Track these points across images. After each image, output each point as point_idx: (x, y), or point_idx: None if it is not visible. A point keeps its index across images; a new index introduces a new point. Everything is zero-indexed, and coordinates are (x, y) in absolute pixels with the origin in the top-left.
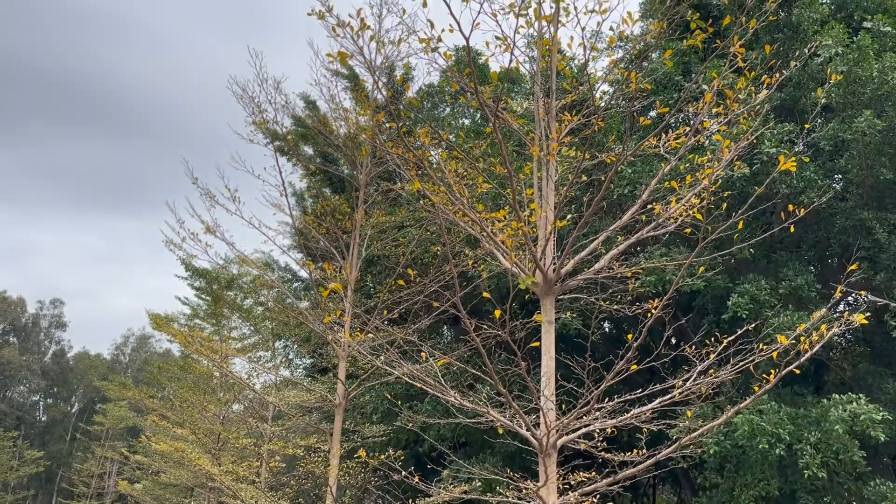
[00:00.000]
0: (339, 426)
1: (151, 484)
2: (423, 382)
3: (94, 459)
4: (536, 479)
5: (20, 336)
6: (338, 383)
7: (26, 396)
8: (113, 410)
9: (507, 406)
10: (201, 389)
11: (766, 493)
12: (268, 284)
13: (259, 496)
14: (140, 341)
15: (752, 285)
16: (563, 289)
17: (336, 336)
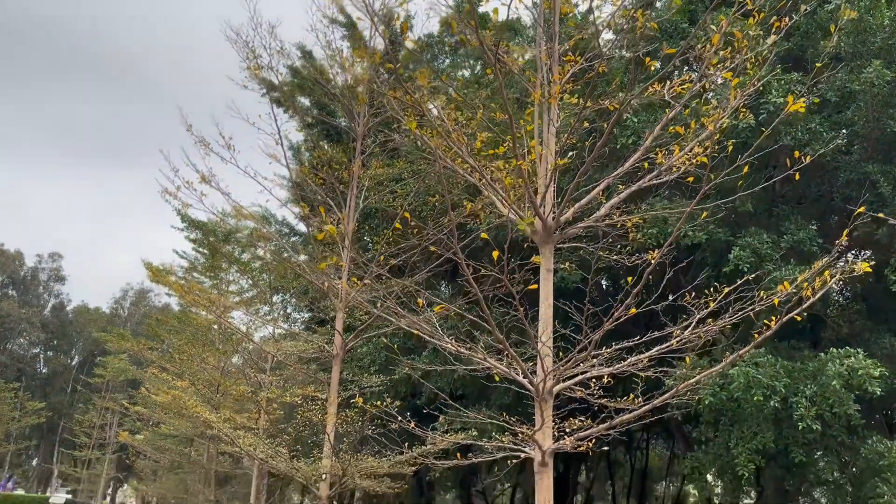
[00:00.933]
0: (337, 376)
1: (152, 434)
2: (420, 330)
3: (95, 411)
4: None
5: (19, 289)
6: (335, 334)
7: (26, 349)
8: (113, 363)
9: (505, 354)
10: (200, 342)
11: (762, 447)
12: (265, 237)
13: (257, 443)
14: (139, 295)
15: (753, 238)
16: (562, 237)
17: (333, 283)
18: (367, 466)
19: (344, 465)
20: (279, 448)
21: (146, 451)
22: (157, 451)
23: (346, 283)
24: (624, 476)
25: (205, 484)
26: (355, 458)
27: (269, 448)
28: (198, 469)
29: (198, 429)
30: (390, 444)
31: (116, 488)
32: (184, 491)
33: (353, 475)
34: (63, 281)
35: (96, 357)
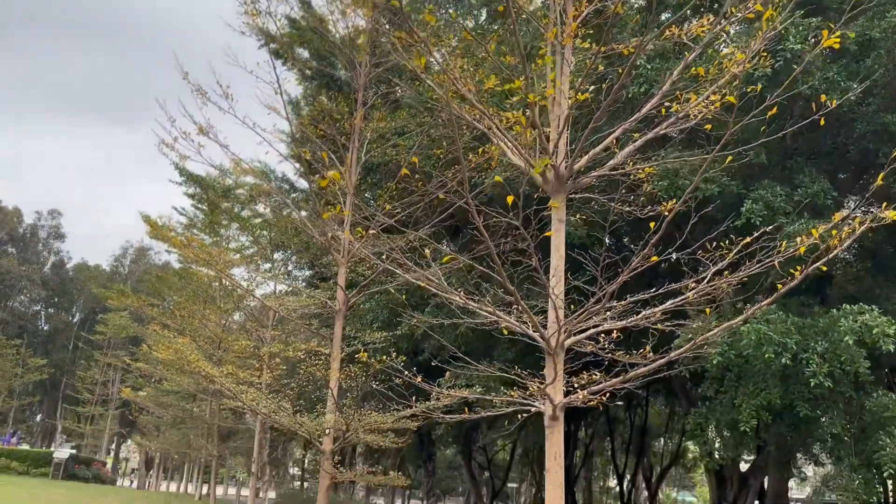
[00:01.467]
0: (340, 332)
1: (154, 391)
2: (427, 283)
3: (98, 367)
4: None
5: (18, 246)
6: (338, 290)
7: (27, 306)
8: (114, 320)
9: (515, 306)
10: (201, 298)
11: (768, 403)
12: (265, 191)
13: (260, 398)
14: (139, 253)
15: (766, 192)
16: (575, 186)
17: (336, 234)
18: (371, 421)
19: (347, 419)
20: (282, 403)
21: (149, 407)
22: (159, 406)
23: (350, 233)
24: (623, 432)
25: (207, 439)
26: (359, 413)
27: (273, 403)
28: (200, 424)
29: (200, 385)
30: (394, 399)
31: (120, 443)
32: (186, 446)
33: (357, 430)
34: (63, 238)
35: (97, 314)
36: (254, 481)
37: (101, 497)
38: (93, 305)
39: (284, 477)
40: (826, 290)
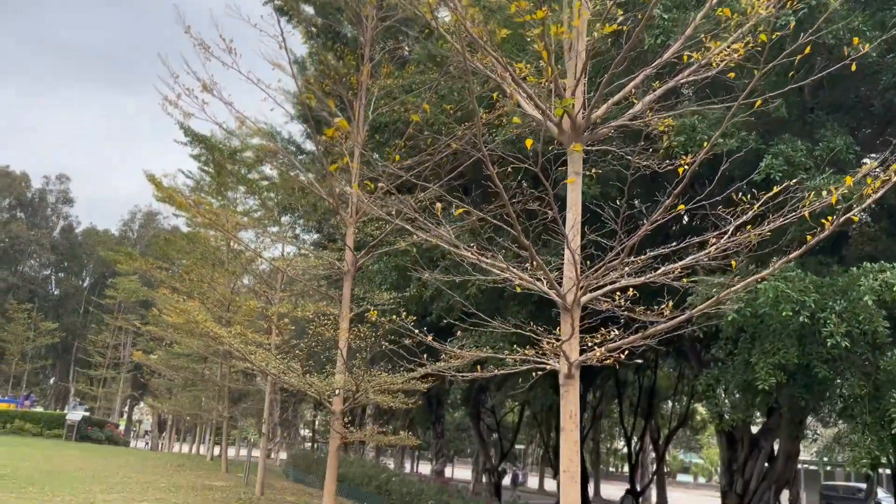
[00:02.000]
0: (349, 292)
1: (165, 354)
2: (438, 239)
3: (109, 331)
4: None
5: (27, 211)
6: (346, 250)
7: (38, 270)
8: (123, 283)
9: (529, 262)
10: (209, 262)
11: (785, 362)
12: (271, 150)
13: (269, 358)
14: (147, 218)
15: (786, 146)
16: (592, 137)
17: (344, 189)
18: (381, 382)
19: (357, 380)
20: (291, 363)
21: (160, 370)
22: (170, 369)
23: (357, 187)
24: (632, 395)
25: (218, 401)
26: (368, 374)
27: (282, 363)
28: (211, 386)
29: (210, 347)
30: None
31: (132, 406)
32: (198, 407)
33: (367, 390)
34: (71, 203)
35: (107, 279)
36: (264, 442)
37: (113, 458)
38: (102, 270)
39: (295, 438)
40: (843, 249)
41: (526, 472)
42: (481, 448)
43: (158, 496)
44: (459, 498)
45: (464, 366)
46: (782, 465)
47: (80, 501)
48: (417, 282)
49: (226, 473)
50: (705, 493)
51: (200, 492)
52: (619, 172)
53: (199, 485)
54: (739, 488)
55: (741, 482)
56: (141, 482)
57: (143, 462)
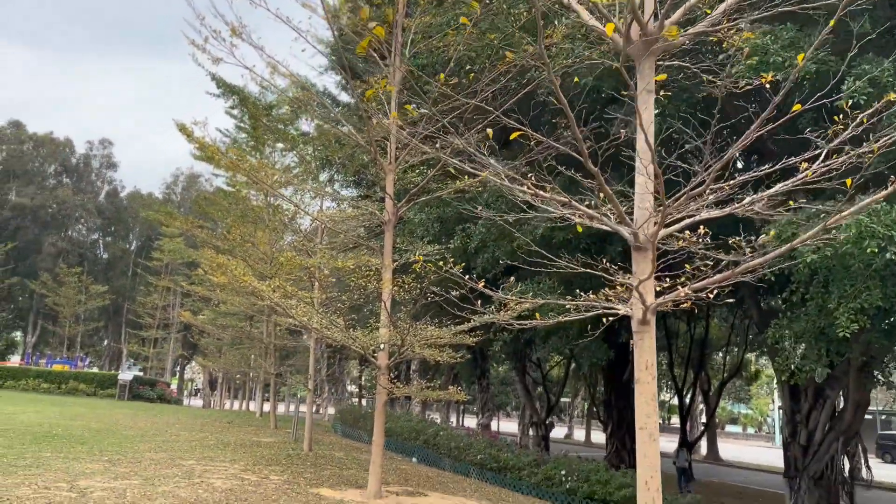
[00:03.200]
0: (390, 243)
1: (213, 313)
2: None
3: (157, 293)
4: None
5: (72, 176)
6: (386, 199)
7: (86, 235)
8: (168, 245)
9: (596, 194)
10: (250, 220)
11: (867, 305)
12: (307, 98)
13: (311, 312)
14: (190, 180)
15: (871, 66)
16: (665, 47)
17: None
18: (427, 335)
19: (402, 334)
20: (334, 317)
21: (208, 330)
22: (218, 328)
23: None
24: (682, 346)
25: (265, 358)
26: (414, 328)
27: (324, 318)
28: (258, 344)
29: (255, 305)
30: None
31: (184, 365)
32: (246, 365)
33: (413, 344)
34: (115, 167)
35: (153, 241)
36: (311, 398)
37: (163, 416)
38: (148, 232)
39: (343, 394)
40: None
41: (572, 424)
42: (527, 401)
43: (206, 454)
44: (509, 451)
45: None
46: (851, 416)
47: (127, 460)
48: (461, 233)
49: (275, 429)
50: (754, 444)
51: (249, 448)
52: (689, 98)
53: (247, 441)
54: (803, 439)
55: (805, 433)
56: (189, 440)
57: (193, 420)
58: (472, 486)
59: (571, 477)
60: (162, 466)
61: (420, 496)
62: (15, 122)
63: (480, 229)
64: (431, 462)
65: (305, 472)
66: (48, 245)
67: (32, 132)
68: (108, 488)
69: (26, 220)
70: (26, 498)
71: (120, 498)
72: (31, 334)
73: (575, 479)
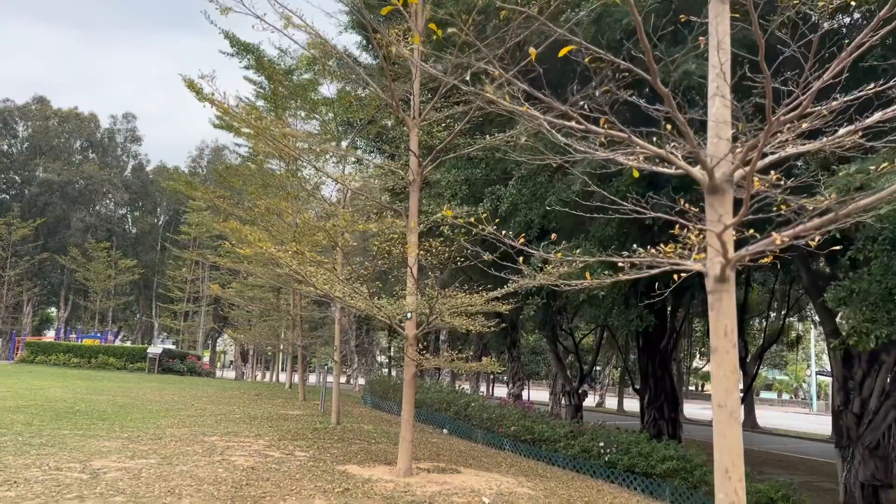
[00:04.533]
0: (416, 204)
1: (241, 286)
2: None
3: (186, 266)
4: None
5: (98, 151)
6: (410, 157)
7: (113, 210)
8: (195, 218)
9: (664, 126)
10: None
11: None
12: (326, 52)
13: (333, 280)
14: (215, 153)
15: None
16: None
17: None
18: (457, 303)
19: (430, 301)
20: (357, 285)
21: (237, 302)
22: (247, 301)
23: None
24: None
25: (292, 330)
26: (443, 295)
27: (347, 286)
28: (285, 316)
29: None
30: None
31: (216, 337)
32: (275, 337)
33: (442, 313)
34: (139, 141)
35: (181, 215)
36: (338, 370)
37: (191, 389)
38: (176, 206)
39: (372, 365)
40: None
41: (604, 392)
42: (560, 370)
43: (231, 429)
44: (543, 422)
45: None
46: None
47: (147, 437)
48: (491, 195)
49: (303, 402)
50: (791, 411)
51: (275, 422)
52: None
53: (274, 415)
54: (857, 408)
55: (859, 401)
56: (215, 414)
57: (221, 392)
58: (506, 460)
59: (610, 449)
60: (183, 443)
61: (453, 472)
62: (39, 97)
63: (511, 191)
64: (463, 434)
65: (332, 447)
66: (76, 220)
67: (57, 108)
68: (123, 468)
69: (54, 196)
70: (35, 480)
71: (134, 479)
72: (63, 310)
73: (614, 452)
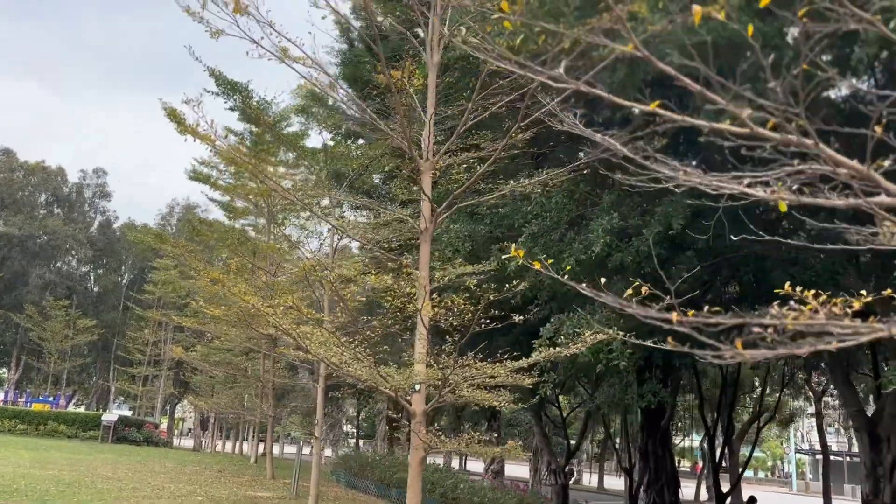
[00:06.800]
0: (427, 256)
1: (206, 349)
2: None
3: (149, 328)
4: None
5: (64, 206)
6: (423, 203)
7: (75, 267)
8: (161, 276)
9: None
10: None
11: None
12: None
13: (329, 342)
14: (186, 211)
15: None
16: None
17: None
18: (478, 374)
19: (445, 371)
20: (360, 350)
21: (200, 366)
22: (212, 366)
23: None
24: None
25: (262, 398)
26: (459, 364)
27: (347, 350)
28: (254, 383)
29: (252, 339)
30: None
31: (175, 404)
32: (240, 406)
33: (459, 385)
34: (108, 197)
35: (146, 273)
36: (318, 448)
37: (148, 462)
38: (141, 265)
39: (339, 435)
40: None
41: (581, 468)
42: (545, 446)
43: None
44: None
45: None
46: None
47: None
48: (498, 253)
49: (271, 480)
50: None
51: None
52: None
53: (241, 497)
54: (888, 496)
55: (889, 490)
56: (175, 496)
57: (181, 467)
58: None
59: None
60: None
61: None
62: (5, 149)
63: (523, 245)
64: None
65: None
66: (35, 277)
67: (23, 160)
68: None
69: (13, 250)
70: None
71: None
72: (13, 371)
73: None
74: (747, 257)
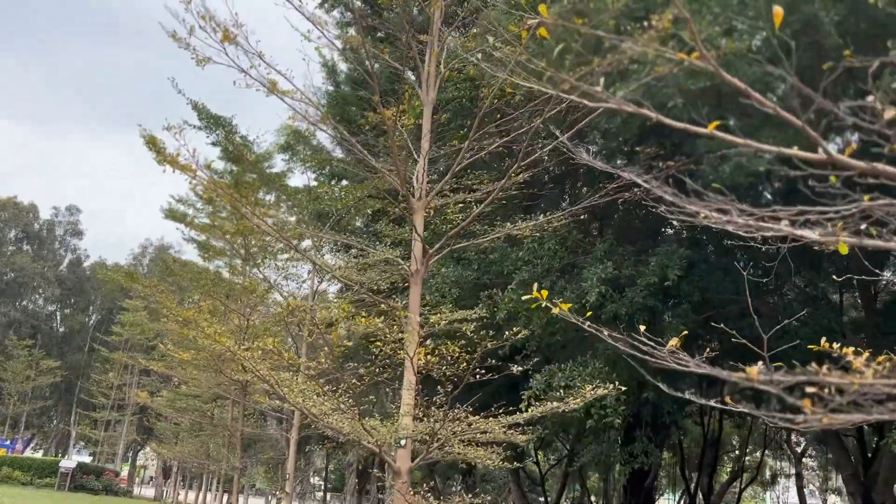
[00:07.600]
0: (418, 300)
1: (172, 395)
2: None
3: (114, 371)
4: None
5: (33, 243)
6: (414, 244)
7: (42, 306)
8: (130, 318)
9: None
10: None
11: None
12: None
13: (308, 391)
14: (159, 251)
15: None
16: None
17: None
18: (468, 428)
19: (434, 425)
20: (343, 399)
21: (166, 413)
22: (177, 412)
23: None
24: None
25: (228, 448)
26: (450, 418)
27: (329, 400)
28: (221, 431)
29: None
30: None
31: (137, 451)
32: (205, 455)
33: (450, 440)
34: (80, 235)
35: (114, 314)
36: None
37: None
38: (110, 305)
39: (307, 487)
40: None
41: None
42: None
43: None
44: None
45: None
46: None
47: None
48: (487, 300)
49: None
50: None
51: None
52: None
53: None
54: None
55: None
56: None
57: None
58: None
59: None
60: None
61: None
62: None
63: (511, 296)
64: None
65: None
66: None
67: None
68: None
69: None
70: None
71: None
72: None
73: None
74: (728, 314)
